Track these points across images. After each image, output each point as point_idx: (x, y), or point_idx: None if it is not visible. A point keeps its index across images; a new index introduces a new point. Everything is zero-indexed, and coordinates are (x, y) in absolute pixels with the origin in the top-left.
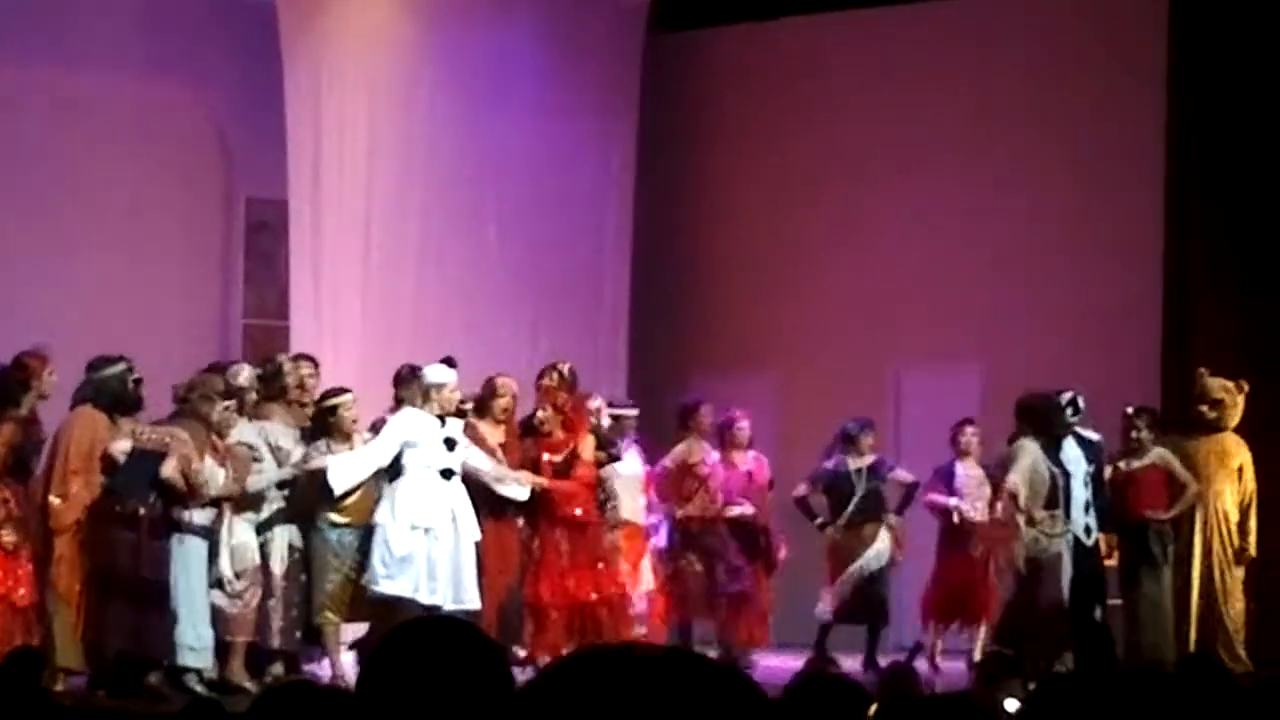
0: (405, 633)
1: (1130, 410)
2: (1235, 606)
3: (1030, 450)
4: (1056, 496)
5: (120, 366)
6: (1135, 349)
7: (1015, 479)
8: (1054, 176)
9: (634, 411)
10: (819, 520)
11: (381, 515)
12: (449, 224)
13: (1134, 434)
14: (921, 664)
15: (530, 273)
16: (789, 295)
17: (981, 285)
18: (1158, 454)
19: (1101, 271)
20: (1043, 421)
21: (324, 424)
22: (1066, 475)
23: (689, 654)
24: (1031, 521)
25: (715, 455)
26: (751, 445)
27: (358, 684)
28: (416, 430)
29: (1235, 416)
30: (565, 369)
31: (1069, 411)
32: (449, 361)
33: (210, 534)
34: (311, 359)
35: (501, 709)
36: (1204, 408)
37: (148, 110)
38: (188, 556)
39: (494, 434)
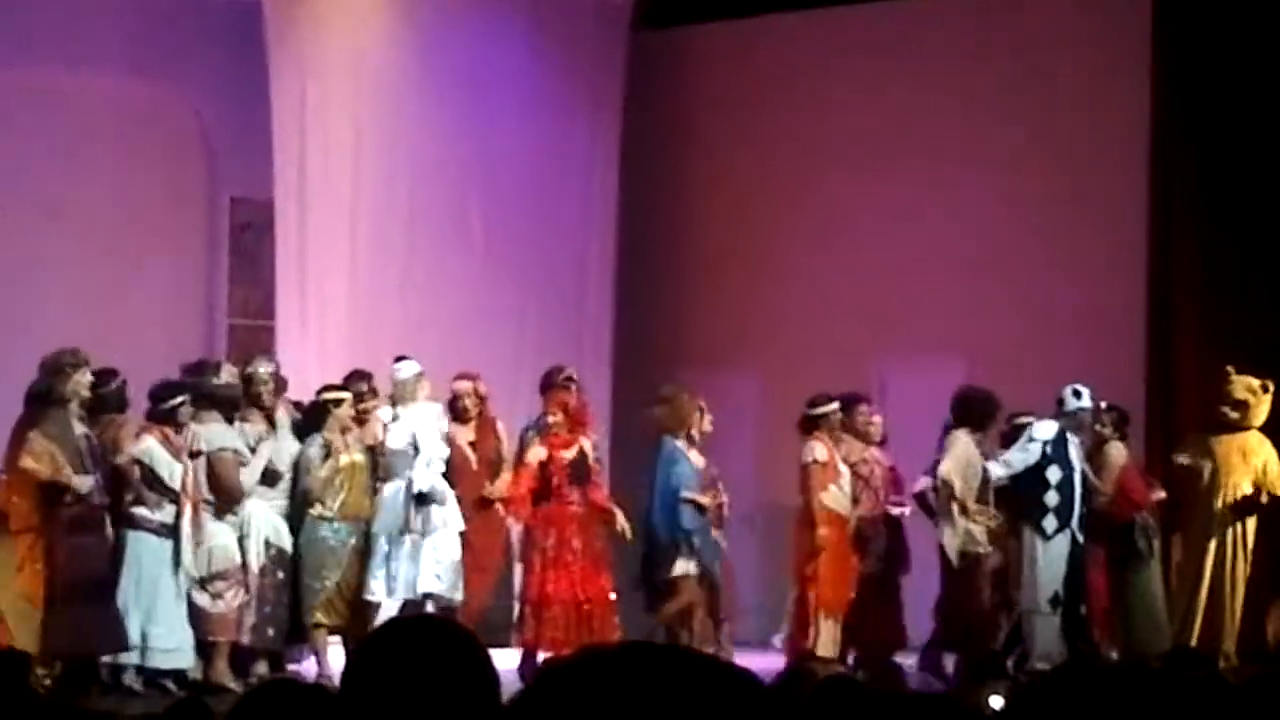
0: (390, 631)
1: (1102, 405)
2: (1238, 601)
3: (963, 441)
4: (987, 492)
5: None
6: (1120, 344)
7: (948, 468)
8: (1037, 171)
9: (834, 406)
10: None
11: (439, 521)
12: (434, 222)
13: (1097, 427)
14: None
15: (516, 269)
16: (773, 291)
17: (966, 281)
18: (1119, 452)
19: (1086, 266)
20: (978, 415)
21: (320, 419)
22: (1067, 469)
23: (692, 653)
24: (965, 512)
25: (875, 452)
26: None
27: (342, 682)
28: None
29: (1260, 416)
30: (571, 373)
31: (1079, 404)
32: (400, 358)
33: (172, 531)
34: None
35: (488, 707)
36: (1226, 409)
37: (132, 110)
38: (141, 554)
39: (464, 433)
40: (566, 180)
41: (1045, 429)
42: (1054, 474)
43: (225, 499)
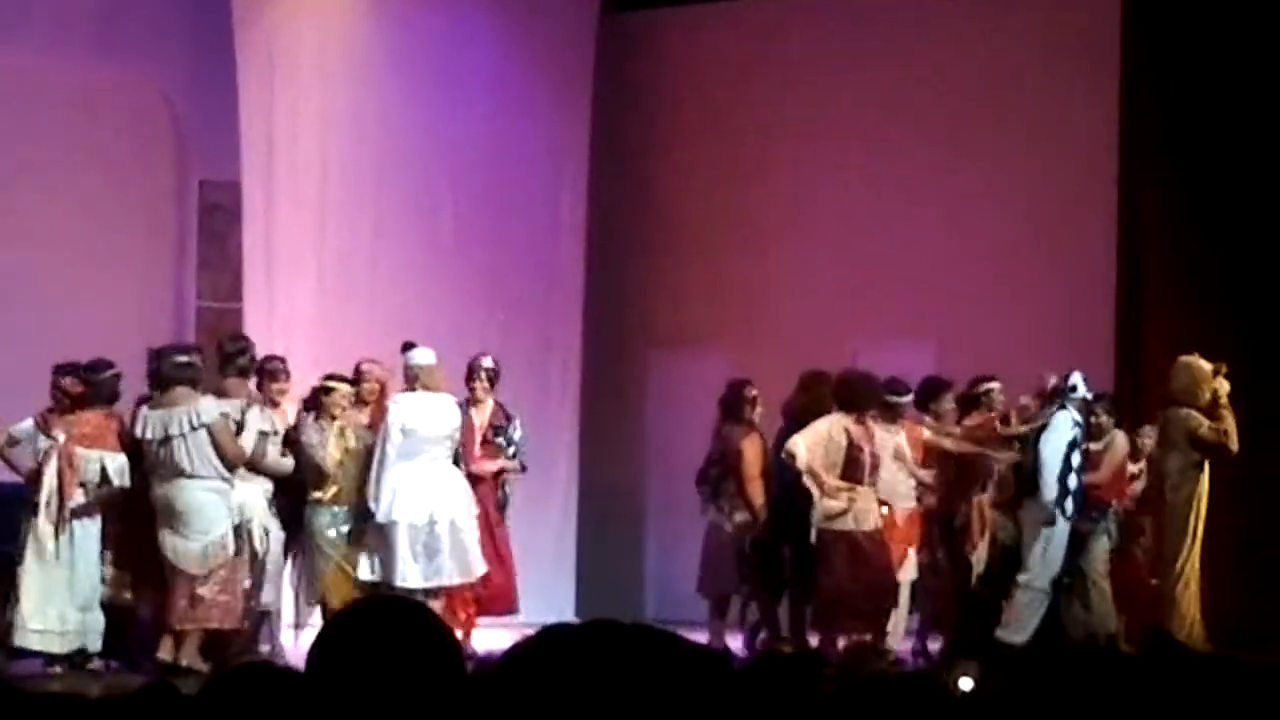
0: (354, 612)
1: (1090, 396)
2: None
3: (833, 421)
4: (859, 473)
5: None
6: (1090, 326)
7: (796, 439)
8: (1009, 153)
9: (908, 399)
10: None
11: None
12: (402, 205)
13: (1093, 419)
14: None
15: (484, 253)
16: (745, 274)
17: (937, 262)
18: (1123, 440)
19: (1056, 249)
20: (853, 397)
21: (316, 402)
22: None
23: (656, 630)
24: (821, 485)
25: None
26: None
27: (308, 662)
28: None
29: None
30: (485, 361)
31: (1085, 390)
32: (410, 344)
33: (80, 516)
34: None
35: (452, 688)
36: (1222, 408)
37: (100, 91)
38: (39, 539)
39: (361, 415)
40: (536, 164)
41: (1075, 414)
42: (1076, 459)
43: (229, 466)
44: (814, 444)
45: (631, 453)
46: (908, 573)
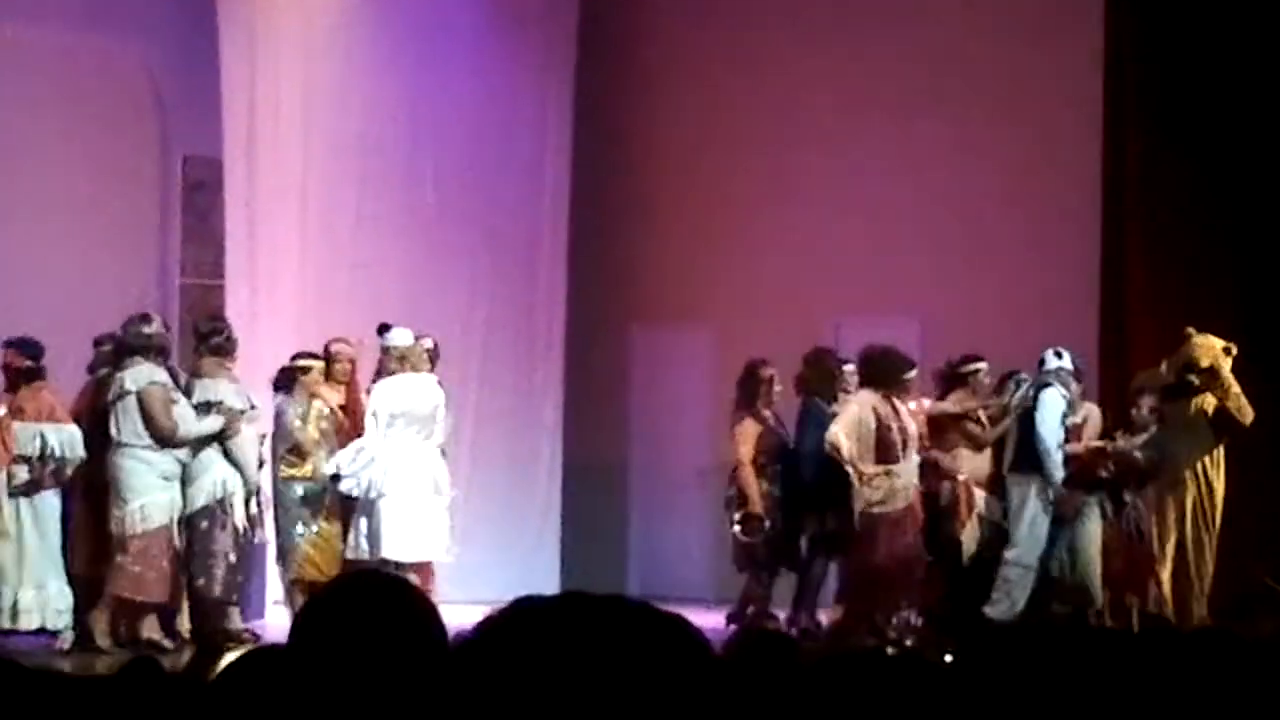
0: (340, 588)
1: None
2: (1207, 563)
3: (862, 402)
4: (891, 452)
5: None
6: (1072, 303)
7: (836, 429)
8: (992, 128)
9: (913, 374)
10: None
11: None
12: (385, 180)
13: (1074, 386)
14: None
15: (468, 227)
16: (728, 248)
17: (920, 238)
18: (1096, 411)
19: (1039, 224)
20: (881, 374)
21: (289, 382)
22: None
23: (631, 602)
24: (860, 475)
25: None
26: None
27: (291, 639)
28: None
29: (1228, 380)
30: (424, 344)
31: (1060, 364)
32: (386, 326)
33: (26, 492)
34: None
35: (436, 662)
36: (1192, 376)
37: (83, 65)
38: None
39: (334, 395)
40: (519, 137)
41: (1063, 390)
42: (1062, 435)
43: (155, 437)
44: (849, 431)
45: (615, 429)
46: None
